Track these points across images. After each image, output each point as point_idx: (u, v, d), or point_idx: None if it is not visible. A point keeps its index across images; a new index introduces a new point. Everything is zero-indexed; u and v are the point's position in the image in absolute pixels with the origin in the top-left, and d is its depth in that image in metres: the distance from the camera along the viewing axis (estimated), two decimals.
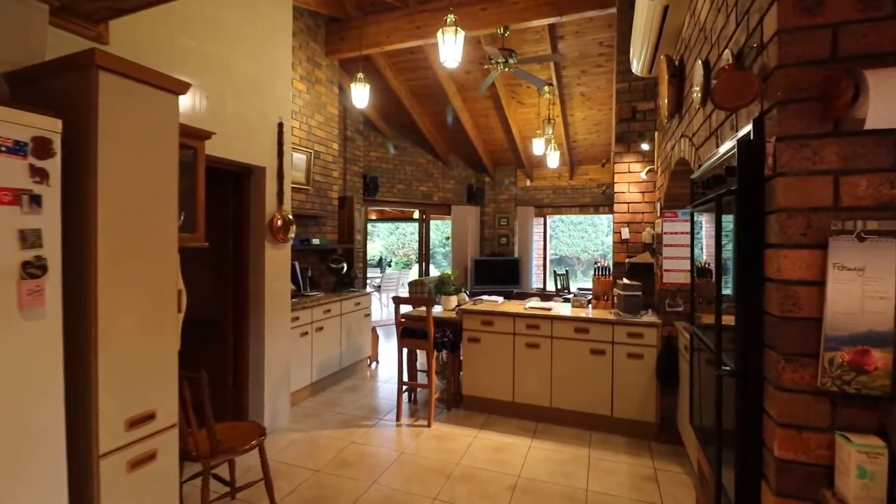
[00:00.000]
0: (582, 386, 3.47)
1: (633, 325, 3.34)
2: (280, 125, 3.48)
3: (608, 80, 6.01)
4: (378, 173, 7.52)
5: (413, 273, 13.86)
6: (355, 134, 6.97)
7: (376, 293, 9.97)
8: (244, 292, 3.41)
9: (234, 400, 3.42)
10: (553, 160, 6.39)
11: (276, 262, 3.50)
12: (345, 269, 4.96)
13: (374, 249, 18.63)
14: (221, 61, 2.99)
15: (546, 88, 6.21)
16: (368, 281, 10.29)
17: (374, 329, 5.28)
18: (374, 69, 6.05)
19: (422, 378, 4.32)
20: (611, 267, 3.86)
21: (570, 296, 4.26)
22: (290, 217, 3.58)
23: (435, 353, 3.67)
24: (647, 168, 3.68)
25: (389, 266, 18.27)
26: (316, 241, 4.72)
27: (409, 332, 3.63)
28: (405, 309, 4.11)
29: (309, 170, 4.91)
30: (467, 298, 4.54)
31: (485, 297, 4.20)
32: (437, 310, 4.20)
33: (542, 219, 8.66)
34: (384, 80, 6.26)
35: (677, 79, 2.62)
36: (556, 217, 10.26)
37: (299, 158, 4.78)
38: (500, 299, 4.19)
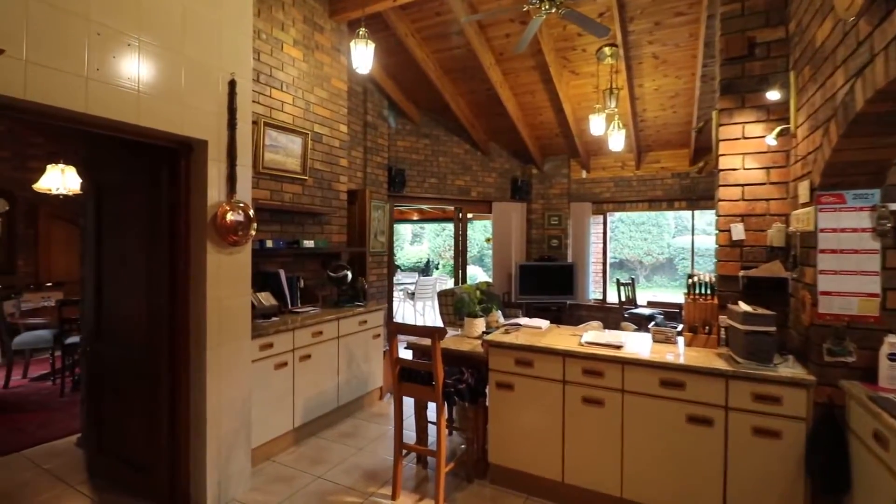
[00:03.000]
0: (672, 471, 2.21)
1: (762, 382, 2.04)
2: (232, 84, 2.52)
3: (692, 35, 4.61)
4: (406, 165, 6.52)
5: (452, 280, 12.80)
6: (378, 119, 6.01)
7: (409, 300, 8.99)
8: (183, 316, 2.48)
9: (169, 465, 2.49)
10: (617, 141, 5.05)
11: (226, 273, 2.53)
12: (348, 278, 3.96)
13: (421, 252, 17.77)
14: None
15: (607, 51, 4.91)
16: (402, 288, 9.34)
17: (388, 353, 4.23)
18: (396, 38, 5.04)
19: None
20: (713, 283, 2.55)
21: (651, 321, 2.97)
22: (250, 212, 2.61)
23: (447, 406, 2.54)
24: (779, 129, 2.35)
25: (437, 269, 17.33)
26: (309, 244, 3.75)
27: (409, 374, 2.53)
28: (409, 339, 3.00)
29: (305, 155, 3.96)
30: (501, 320, 3.38)
31: (523, 321, 3.02)
32: (451, 335, 3.07)
33: (602, 216, 7.27)
34: (408, 53, 5.24)
35: None
36: (615, 215, 8.79)
37: (292, 141, 3.84)
38: (545, 324, 3.00)
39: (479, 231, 16.07)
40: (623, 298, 6.43)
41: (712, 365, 2.16)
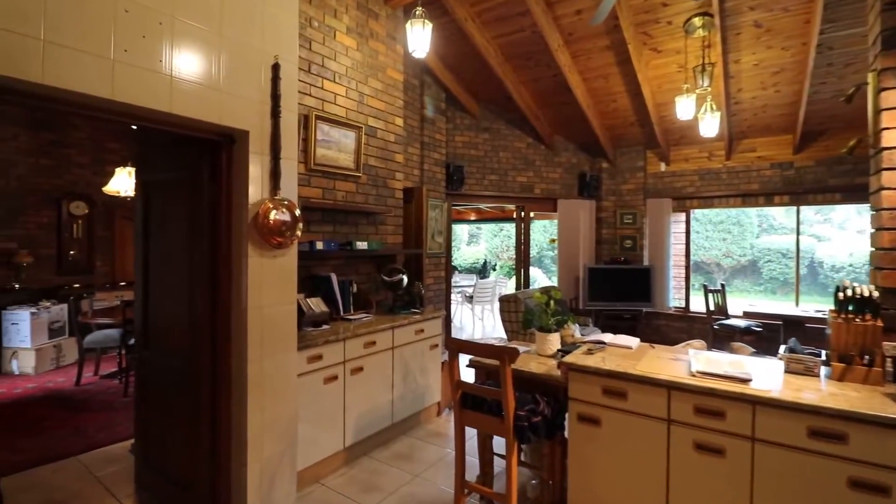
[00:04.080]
0: None
1: None
2: (276, 67, 2.26)
3: None
4: (464, 161, 6.15)
5: (513, 283, 12.25)
6: (436, 114, 5.68)
7: (467, 304, 8.61)
8: (225, 325, 2.25)
9: (210, 488, 2.27)
10: (709, 126, 4.36)
11: (269, 278, 2.28)
12: (404, 282, 3.64)
13: (478, 253, 17.35)
14: None
15: (697, 22, 4.24)
16: (459, 290, 8.99)
17: (447, 364, 3.87)
18: (454, 24, 4.68)
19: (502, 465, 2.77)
20: (874, 297, 1.93)
21: (748, 334, 2.39)
22: (296, 211, 2.34)
23: (518, 442, 2.11)
24: None
25: (494, 270, 16.85)
26: (362, 245, 3.47)
27: (473, 401, 2.13)
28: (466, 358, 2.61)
29: (359, 151, 3.69)
30: (577, 334, 2.90)
31: (607, 339, 2.52)
32: (522, 350, 2.64)
33: (684, 214, 6.48)
34: (467, 40, 4.86)
35: None
36: (693, 213, 7.85)
37: (345, 135, 3.59)
38: (635, 342, 2.48)
39: (539, 231, 15.40)
40: (710, 306, 5.64)
41: (887, 412, 1.57)
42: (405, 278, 3.66)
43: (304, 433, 2.61)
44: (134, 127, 2.34)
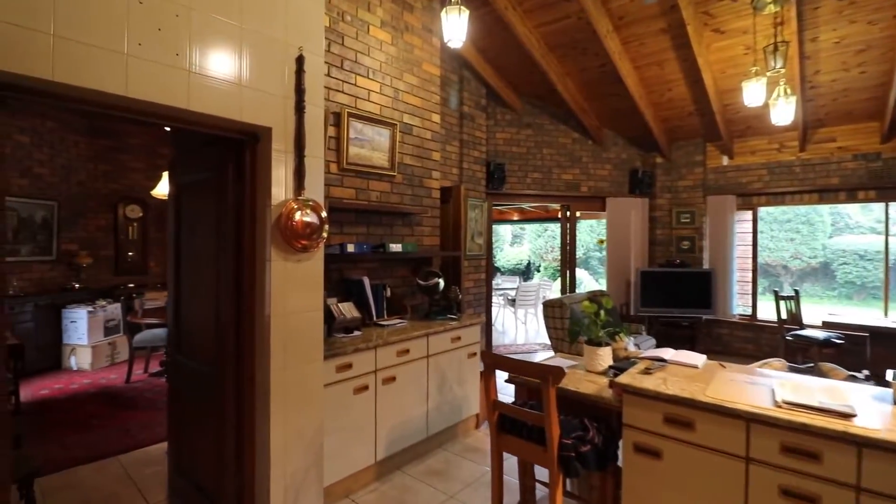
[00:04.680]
0: None
1: None
2: (300, 59, 2.12)
3: None
4: (506, 159, 5.89)
5: (558, 286, 11.79)
6: (475, 110, 5.46)
7: (509, 307, 8.32)
8: (249, 333, 2.15)
9: (237, 499, 2.17)
10: (783, 113, 3.87)
11: (293, 284, 2.15)
12: (440, 286, 3.45)
13: (522, 254, 16.93)
14: None
15: None
16: (502, 293, 8.71)
17: (486, 392, 3.65)
18: (494, 14, 4.45)
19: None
20: None
21: (828, 346, 2.02)
22: (322, 212, 2.20)
23: (563, 474, 1.85)
24: None
25: (538, 272, 16.39)
26: (396, 247, 3.31)
27: (512, 424, 1.90)
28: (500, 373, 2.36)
29: (393, 149, 3.54)
30: (630, 347, 2.59)
31: (668, 355, 2.21)
32: (564, 364, 2.37)
33: (750, 212, 5.89)
34: (509, 31, 4.61)
35: None
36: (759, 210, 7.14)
37: (379, 133, 3.45)
38: (700, 360, 2.16)
39: (585, 231, 14.82)
40: (782, 314, 5.07)
41: None
42: (441, 282, 3.47)
43: (333, 446, 2.48)
44: (168, 129, 2.30)
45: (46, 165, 5.50)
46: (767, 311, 5.51)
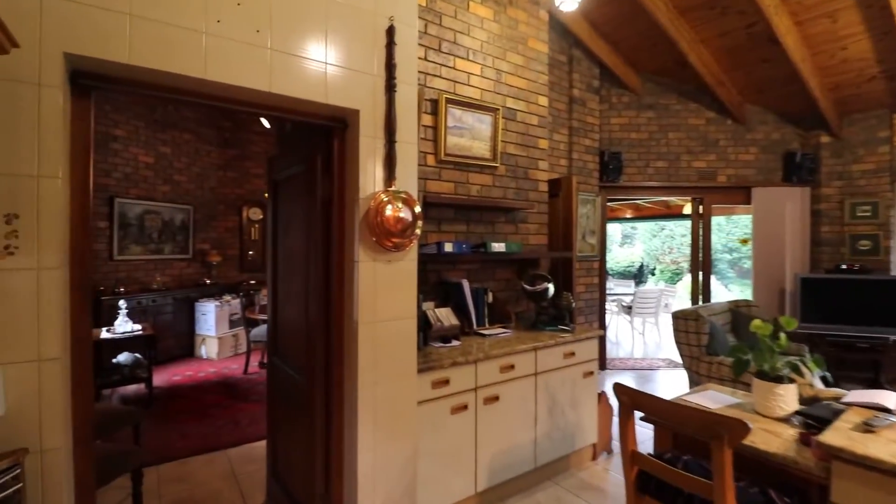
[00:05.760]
0: None
1: None
2: (390, 31, 1.86)
3: None
4: (623, 147, 5.18)
5: (683, 292, 10.39)
6: (587, 93, 4.88)
7: (624, 315, 7.46)
8: (338, 340, 1.94)
9: None
10: None
11: (384, 287, 1.88)
12: (549, 292, 3.00)
13: (633, 255, 15.43)
14: None
15: None
16: (614, 299, 7.84)
17: (604, 396, 3.11)
18: None
19: None
20: None
21: None
22: (416, 207, 1.91)
23: None
24: None
25: (652, 275, 14.83)
26: (498, 247, 2.93)
27: (658, 486, 1.40)
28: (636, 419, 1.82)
29: (495, 137, 3.18)
30: (817, 383, 1.90)
31: (891, 401, 1.52)
32: (730, 404, 1.77)
33: None
34: None
35: None
36: None
37: (479, 120, 3.10)
38: None
39: (714, 230, 12.96)
40: None
41: None
42: (551, 287, 3.02)
43: (427, 471, 2.18)
44: (267, 125, 2.21)
45: (184, 173, 6.13)
46: None
